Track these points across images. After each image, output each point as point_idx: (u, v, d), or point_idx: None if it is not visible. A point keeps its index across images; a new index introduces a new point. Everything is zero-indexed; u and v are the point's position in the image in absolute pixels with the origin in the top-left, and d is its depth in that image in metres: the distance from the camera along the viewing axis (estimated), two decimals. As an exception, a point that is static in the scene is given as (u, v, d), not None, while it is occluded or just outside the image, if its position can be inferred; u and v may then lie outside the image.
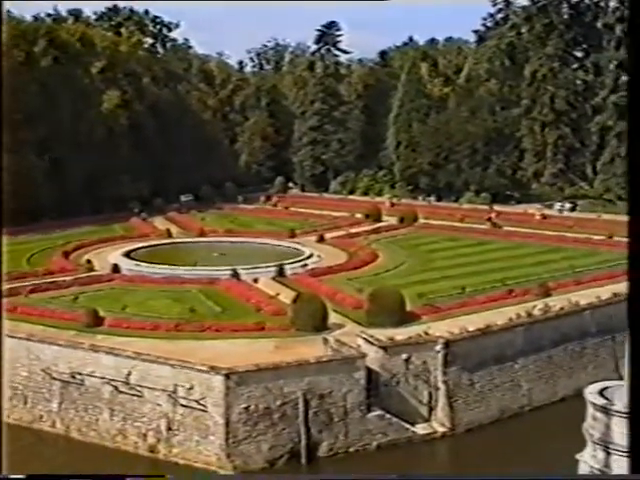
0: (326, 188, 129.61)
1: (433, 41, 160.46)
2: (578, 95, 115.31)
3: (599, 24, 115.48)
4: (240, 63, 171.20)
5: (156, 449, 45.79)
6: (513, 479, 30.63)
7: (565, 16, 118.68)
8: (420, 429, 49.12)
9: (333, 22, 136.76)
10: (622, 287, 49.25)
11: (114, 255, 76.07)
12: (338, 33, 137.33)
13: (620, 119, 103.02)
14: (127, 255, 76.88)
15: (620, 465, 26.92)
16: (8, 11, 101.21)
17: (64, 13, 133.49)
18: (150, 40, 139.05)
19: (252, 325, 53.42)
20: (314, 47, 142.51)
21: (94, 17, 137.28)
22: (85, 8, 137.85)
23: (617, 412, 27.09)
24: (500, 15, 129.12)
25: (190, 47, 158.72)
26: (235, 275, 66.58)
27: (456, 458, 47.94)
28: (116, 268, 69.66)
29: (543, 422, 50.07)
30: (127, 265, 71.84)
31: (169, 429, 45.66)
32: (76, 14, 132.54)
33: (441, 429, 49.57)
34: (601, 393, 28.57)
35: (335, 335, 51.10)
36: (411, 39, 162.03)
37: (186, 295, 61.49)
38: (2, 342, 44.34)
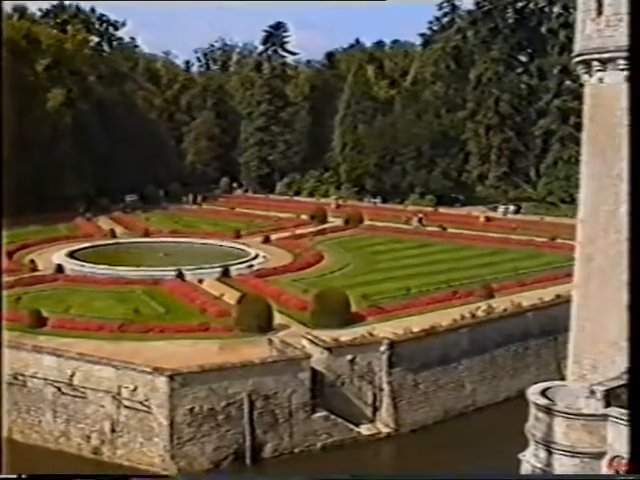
0: (272, 189, 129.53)
1: (380, 44, 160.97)
2: (522, 99, 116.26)
3: (543, 29, 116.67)
4: (187, 63, 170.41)
5: (100, 451, 45.45)
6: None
7: (510, 21, 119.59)
8: (365, 430, 49.27)
9: (280, 23, 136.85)
10: (565, 289, 49.79)
11: (58, 255, 75.31)
12: (285, 34, 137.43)
13: (563, 123, 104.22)
14: (71, 255, 76.13)
15: (562, 464, 27.30)
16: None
17: (9, 10, 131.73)
18: (96, 38, 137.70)
19: (196, 326, 53.19)
20: (261, 48, 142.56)
21: (39, 14, 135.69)
22: (31, 5, 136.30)
23: (559, 412, 27.46)
24: (446, 19, 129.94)
25: (136, 46, 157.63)
26: (180, 276, 66.28)
27: (400, 458, 48.11)
28: (60, 268, 69.02)
29: (487, 422, 50.46)
30: (71, 265, 71.19)
31: (113, 431, 45.34)
32: (21, 11, 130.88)
33: (385, 430, 49.76)
34: (543, 393, 28.96)
35: (280, 336, 51.06)
36: (358, 41, 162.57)
37: (130, 296, 61.06)
38: (2, 343, 43.81)
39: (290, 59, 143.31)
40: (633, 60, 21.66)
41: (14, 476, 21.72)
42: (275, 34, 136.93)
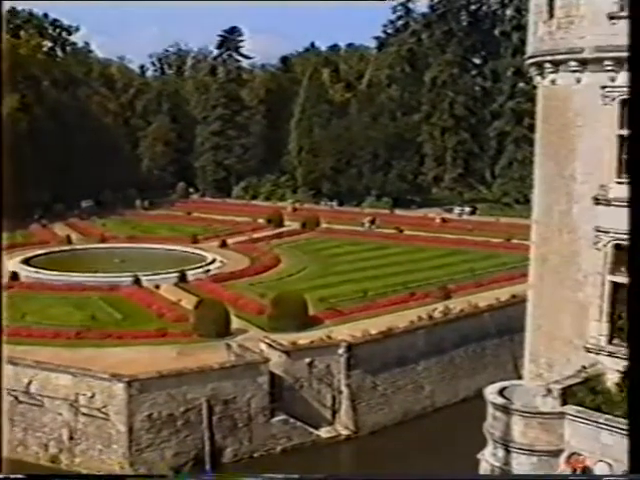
0: (229, 193, 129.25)
1: (335, 47, 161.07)
2: (477, 101, 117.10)
3: (497, 32, 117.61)
4: (141, 67, 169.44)
5: (58, 459, 45.14)
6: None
7: (464, 23, 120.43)
8: (324, 432, 49.37)
9: (235, 27, 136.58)
10: (520, 289, 50.14)
11: (13, 262, 74.57)
12: (240, 38, 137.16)
13: (517, 124, 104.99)
14: (26, 262, 75.51)
15: (520, 462, 27.49)
16: None
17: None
18: (49, 43, 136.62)
19: (154, 332, 53.00)
20: (216, 52, 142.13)
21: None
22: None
23: (516, 411, 27.65)
24: (400, 22, 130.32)
25: (90, 51, 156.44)
26: (136, 281, 66.00)
27: (360, 461, 48.22)
28: (15, 275, 68.40)
29: (446, 423, 50.75)
30: (26, 272, 70.61)
31: (71, 438, 45.04)
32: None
33: (345, 432, 49.89)
34: (501, 393, 29.15)
35: (238, 340, 51.04)
36: (313, 45, 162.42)
37: (87, 302, 60.69)
38: (2, 345, 43.23)
39: (245, 63, 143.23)
40: (633, 60, 21.82)
41: (14, 476, 21.63)
42: (230, 38, 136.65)
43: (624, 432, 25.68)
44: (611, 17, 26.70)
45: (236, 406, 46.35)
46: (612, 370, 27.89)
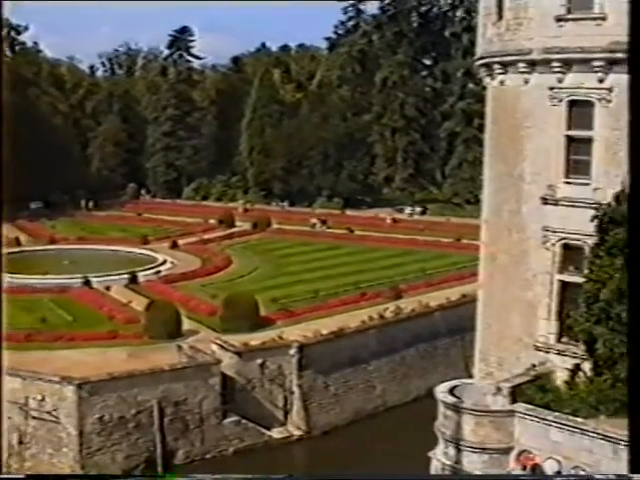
0: (179, 194, 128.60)
1: (286, 47, 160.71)
2: (427, 102, 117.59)
3: (447, 33, 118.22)
4: (91, 68, 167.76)
5: (7, 463, 44.57)
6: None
7: (414, 25, 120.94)
8: (276, 433, 49.39)
9: (185, 27, 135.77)
10: (471, 288, 50.46)
11: (-40, 264, 73.66)
12: (191, 38, 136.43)
13: (467, 125, 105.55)
14: (-26, 264, 74.55)
15: (470, 460, 27.70)
16: None
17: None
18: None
19: (105, 334, 52.67)
20: (167, 52, 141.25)
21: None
22: None
23: (467, 409, 27.87)
24: (351, 23, 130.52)
25: (40, 51, 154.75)
26: (87, 283, 65.53)
27: (312, 461, 48.27)
28: (-38, 278, 67.56)
29: (397, 422, 50.95)
30: (-26, 275, 69.72)
31: (21, 442, 44.58)
32: None
33: (297, 432, 49.94)
34: (451, 392, 29.35)
35: (189, 342, 50.88)
36: (264, 45, 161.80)
37: (37, 304, 60.11)
38: (2, 346, 42.56)
39: (196, 63, 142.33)
40: (633, 60, 21.99)
41: (14, 476, 21.51)
42: (180, 38, 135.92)
43: (573, 429, 26.01)
44: (558, 19, 27.04)
45: (188, 408, 46.20)
46: (561, 368, 28.24)
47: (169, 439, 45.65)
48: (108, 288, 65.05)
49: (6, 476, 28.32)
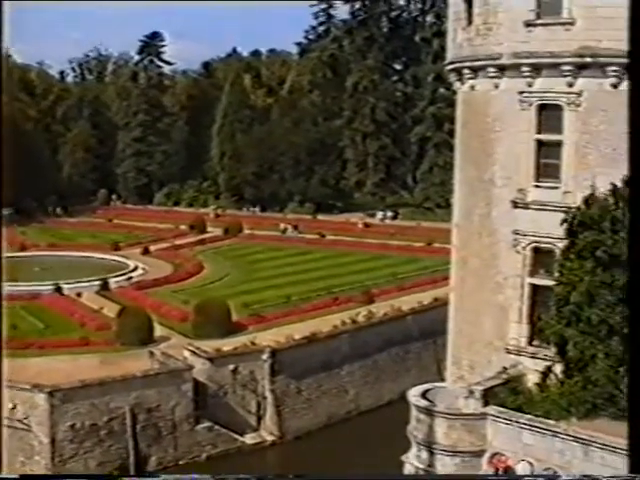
0: (150, 200, 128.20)
1: (256, 53, 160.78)
2: (398, 106, 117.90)
3: (417, 38, 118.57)
4: (61, 73, 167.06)
5: (-22, 472, 44.31)
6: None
7: (385, 30, 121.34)
8: (249, 439, 49.36)
9: (156, 33, 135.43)
10: (442, 292, 50.69)
11: None
12: (161, 44, 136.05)
13: (438, 130, 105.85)
14: (-57, 272, 73.97)
15: (444, 464, 27.78)
16: None
17: None
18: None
19: (76, 340, 52.41)
20: (137, 57, 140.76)
21: None
22: None
23: (439, 413, 27.95)
24: (322, 28, 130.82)
25: (9, 56, 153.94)
26: (58, 290, 65.17)
27: (286, 466, 48.22)
28: None
29: (370, 426, 51.00)
30: (-57, 282, 69.16)
31: (-9, 450, 44.26)
32: None
33: (270, 438, 49.91)
34: (424, 395, 29.44)
35: (161, 348, 50.73)
36: (235, 51, 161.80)
37: (8, 312, 59.54)
38: (2, 346, 42.22)
39: (167, 69, 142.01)
40: (633, 61, 22.09)
41: (14, 476, 21.41)
42: (151, 44, 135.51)
43: (545, 431, 26.16)
44: (528, 24, 27.21)
45: (160, 414, 46.07)
46: (532, 371, 28.37)
47: (142, 446, 45.50)
48: (79, 295, 64.75)
49: (6, 476, 28.27)
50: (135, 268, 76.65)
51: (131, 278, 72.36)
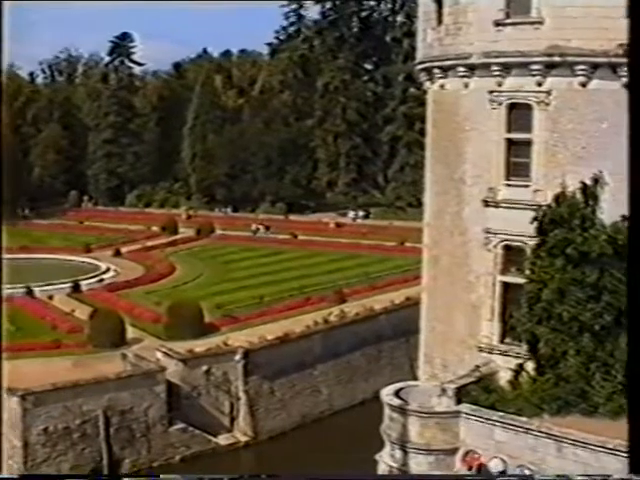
0: (122, 201, 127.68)
1: (227, 53, 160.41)
2: (369, 106, 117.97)
3: (388, 38, 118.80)
4: (31, 75, 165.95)
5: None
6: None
7: (355, 30, 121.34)
8: (223, 440, 49.28)
9: (126, 33, 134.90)
10: (414, 291, 50.74)
11: None
12: (131, 44, 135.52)
13: (409, 129, 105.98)
14: None
15: (417, 462, 27.85)
16: None
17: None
18: None
19: (48, 343, 52.14)
20: (107, 59, 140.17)
21: None
22: None
23: (412, 411, 28.01)
24: (292, 28, 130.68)
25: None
26: (29, 292, 64.80)
27: (260, 466, 48.21)
28: None
29: (344, 425, 51.06)
30: None
31: (-37, 454, 43.97)
32: None
33: (244, 438, 49.87)
34: (397, 394, 29.49)
35: (134, 350, 50.57)
36: (205, 51, 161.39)
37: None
38: (1, 345, 41.84)
39: (137, 70, 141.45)
40: (633, 62, 22.17)
41: (14, 476, 21.31)
42: (121, 45, 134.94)
43: (517, 428, 26.30)
44: (497, 24, 27.33)
45: (133, 416, 45.91)
46: (505, 368, 28.51)
47: (115, 448, 45.33)
48: (51, 297, 64.45)
49: (3, 476, 28.20)
50: (107, 270, 76.37)
51: (103, 280, 72.10)
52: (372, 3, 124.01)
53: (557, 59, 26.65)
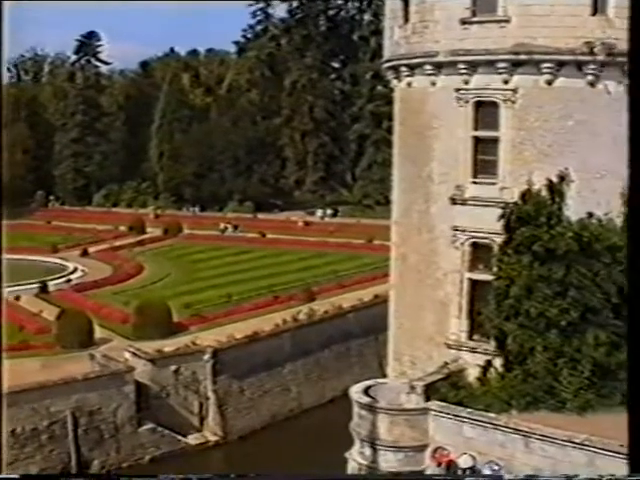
0: (89, 201, 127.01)
1: (194, 52, 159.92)
2: (337, 104, 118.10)
3: (355, 36, 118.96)
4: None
5: None
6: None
7: (323, 28, 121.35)
8: (192, 439, 49.16)
9: (93, 32, 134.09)
10: (383, 289, 50.84)
11: None
12: (98, 43, 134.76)
13: (377, 127, 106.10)
14: None
15: (387, 459, 27.93)
16: None
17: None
18: None
19: (16, 344, 51.65)
20: (74, 57, 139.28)
21: None
22: None
23: (381, 409, 28.09)
24: (260, 27, 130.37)
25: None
26: (-4, 293, 64.30)
27: (230, 465, 48.13)
28: None
29: (314, 424, 51.09)
30: None
31: None
32: None
33: (213, 438, 49.78)
34: (366, 392, 29.55)
35: (102, 350, 50.33)
36: (172, 50, 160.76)
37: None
38: (1, 345, 41.18)
39: (104, 69, 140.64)
40: (633, 61, 22.23)
41: (14, 476, 21.12)
42: (88, 43, 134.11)
43: (486, 425, 26.44)
44: (464, 22, 27.46)
45: (102, 417, 45.70)
46: (473, 365, 28.66)
47: (84, 449, 45.09)
48: (18, 298, 63.96)
49: (3, 476, 27.96)
50: (74, 270, 75.98)
51: (70, 280, 71.71)
52: (339, 2, 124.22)
53: (523, 57, 26.83)
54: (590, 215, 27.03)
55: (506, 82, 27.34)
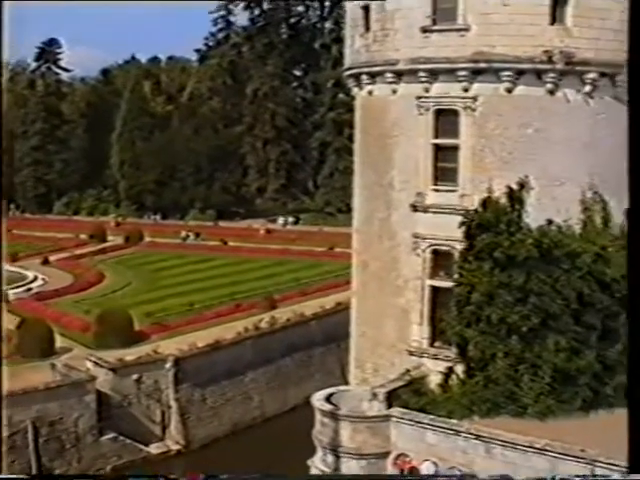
0: (50, 209, 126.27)
1: (155, 59, 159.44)
2: (298, 112, 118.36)
3: (317, 44, 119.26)
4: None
5: None
6: None
7: (284, 36, 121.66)
8: (154, 448, 48.88)
9: (53, 39, 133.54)
10: (345, 296, 50.87)
11: None
12: (58, 50, 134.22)
13: (338, 135, 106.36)
14: None
15: (349, 467, 27.96)
16: None
17: None
18: None
19: (-25, 354, 51.27)
20: (34, 65, 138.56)
21: None
22: None
23: (343, 416, 28.14)
24: (221, 34, 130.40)
25: None
26: (-46, 303, 63.69)
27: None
28: None
29: (276, 432, 50.98)
30: None
31: None
32: None
33: (175, 447, 49.54)
34: (328, 399, 29.59)
35: (63, 360, 49.89)
36: (134, 57, 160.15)
37: None
38: (1, 348, 40.59)
39: (65, 76, 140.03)
40: (633, 63, 22.32)
41: (14, 476, 20.94)
42: (48, 50, 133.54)
43: (448, 431, 26.55)
44: (424, 30, 27.63)
45: (63, 427, 45.33)
46: (435, 372, 28.79)
47: (45, 460, 44.67)
48: (-23, 307, 63.41)
49: (6, 476, 27.74)
50: (34, 279, 75.41)
51: (30, 289, 71.13)
52: (301, 9, 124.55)
53: (483, 65, 27.04)
54: (550, 222, 27.27)
55: (466, 90, 27.53)
